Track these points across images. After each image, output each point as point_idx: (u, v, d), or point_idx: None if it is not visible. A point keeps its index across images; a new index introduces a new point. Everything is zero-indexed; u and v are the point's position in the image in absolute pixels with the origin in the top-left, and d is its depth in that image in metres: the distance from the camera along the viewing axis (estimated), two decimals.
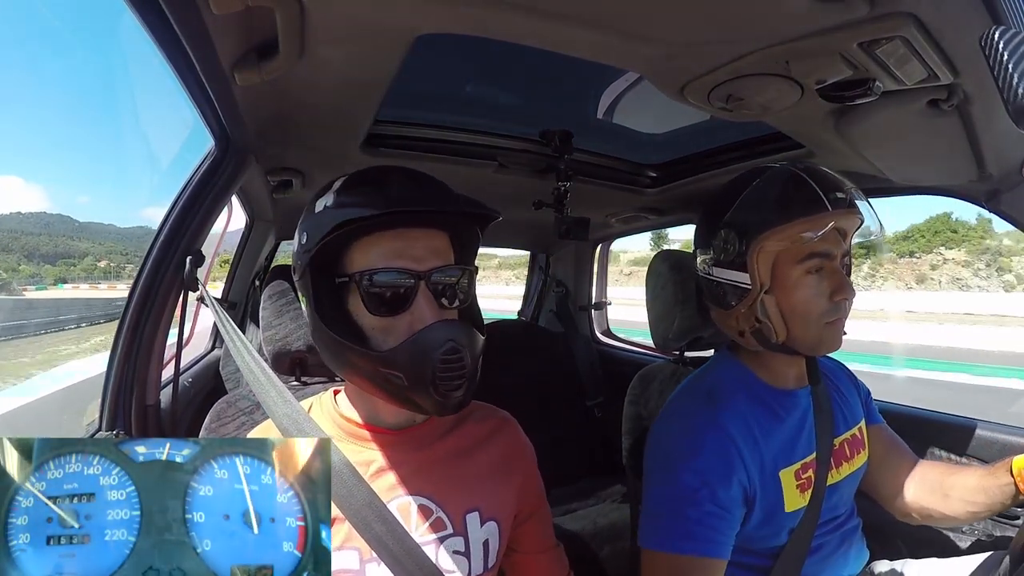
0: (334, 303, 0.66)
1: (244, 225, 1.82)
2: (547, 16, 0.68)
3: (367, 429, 0.72)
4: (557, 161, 1.38)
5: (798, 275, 0.86)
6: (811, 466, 0.92)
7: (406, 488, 0.69)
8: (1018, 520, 1.17)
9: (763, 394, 0.94)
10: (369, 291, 0.63)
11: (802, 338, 0.88)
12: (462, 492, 0.72)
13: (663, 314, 1.18)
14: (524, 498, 0.79)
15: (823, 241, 0.84)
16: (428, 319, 0.63)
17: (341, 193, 0.65)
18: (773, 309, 0.87)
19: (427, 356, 0.60)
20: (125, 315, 0.98)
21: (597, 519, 1.86)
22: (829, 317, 0.87)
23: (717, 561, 0.84)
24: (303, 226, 0.66)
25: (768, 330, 0.88)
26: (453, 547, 0.69)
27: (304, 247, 0.65)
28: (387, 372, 0.62)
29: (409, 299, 0.64)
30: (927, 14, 0.60)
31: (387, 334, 0.64)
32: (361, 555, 0.65)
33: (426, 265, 0.64)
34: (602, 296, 2.59)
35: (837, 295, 0.85)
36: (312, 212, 0.66)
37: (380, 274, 0.63)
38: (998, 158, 0.99)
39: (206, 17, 0.66)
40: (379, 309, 0.64)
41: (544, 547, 0.84)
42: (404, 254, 0.64)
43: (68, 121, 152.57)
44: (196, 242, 1.01)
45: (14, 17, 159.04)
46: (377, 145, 1.24)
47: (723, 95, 0.84)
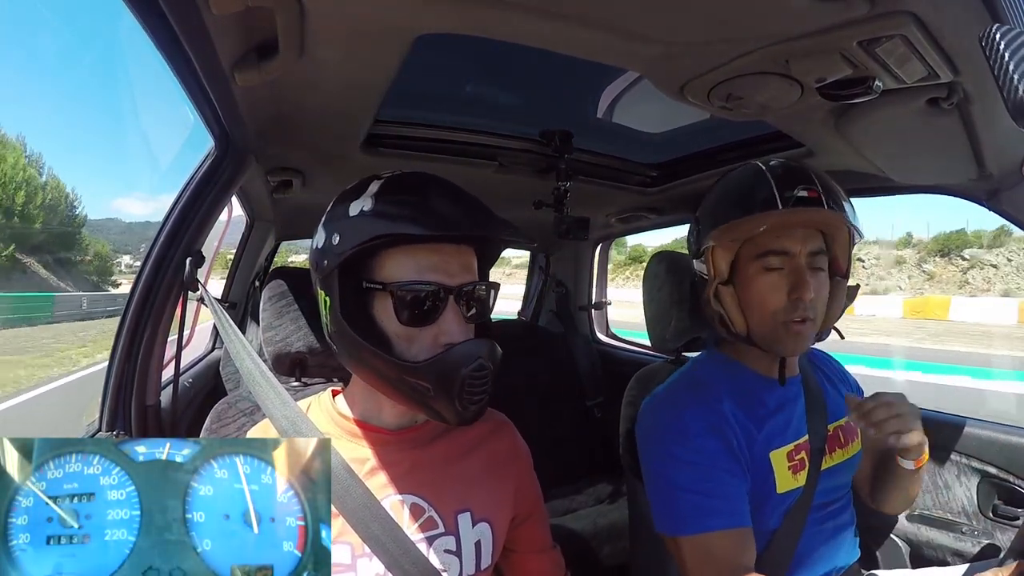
0: (359, 306, 0.66)
1: (244, 225, 1.82)
2: (547, 16, 0.68)
3: (364, 428, 0.73)
4: (557, 161, 1.38)
5: (754, 271, 0.88)
6: (804, 447, 0.93)
7: (399, 487, 0.70)
8: (1018, 520, 1.17)
9: (749, 381, 0.96)
10: (402, 302, 0.64)
11: (760, 334, 0.90)
12: (454, 492, 0.73)
13: (660, 315, 1.18)
14: (520, 500, 0.80)
15: (780, 239, 0.86)
16: (455, 333, 0.65)
17: (381, 200, 0.65)
18: (730, 300, 0.91)
19: (457, 371, 0.62)
20: (125, 315, 0.98)
21: (597, 519, 1.86)
22: (787, 316, 0.87)
23: (747, 530, 0.84)
24: (334, 227, 0.66)
25: (727, 321, 0.92)
26: (444, 546, 0.70)
27: (335, 249, 0.64)
28: (413, 381, 0.63)
29: (439, 311, 0.65)
30: (927, 13, 0.60)
31: (411, 342, 0.65)
32: (353, 550, 0.66)
33: (457, 280, 0.66)
34: (602, 296, 2.59)
35: (793, 293, 0.86)
36: (345, 215, 0.65)
37: (415, 286, 0.64)
38: (998, 156, 0.99)
39: (206, 17, 0.66)
40: (409, 319, 0.65)
41: (541, 547, 0.85)
42: (439, 268, 0.65)
43: (66, 121, 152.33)
44: (196, 242, 1.01)
45: (14, 17, 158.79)
46: (377, 145, 1.24)
47: (723, 94, 0.85)
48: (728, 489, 0.85)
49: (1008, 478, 1.20)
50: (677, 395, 0.96)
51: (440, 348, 0.64)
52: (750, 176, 0.89)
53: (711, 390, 0.93)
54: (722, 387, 0.93)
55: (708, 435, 0.87)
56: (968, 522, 1.23)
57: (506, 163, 1.39)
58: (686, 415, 0.89)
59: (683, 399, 0.94)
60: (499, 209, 0.68)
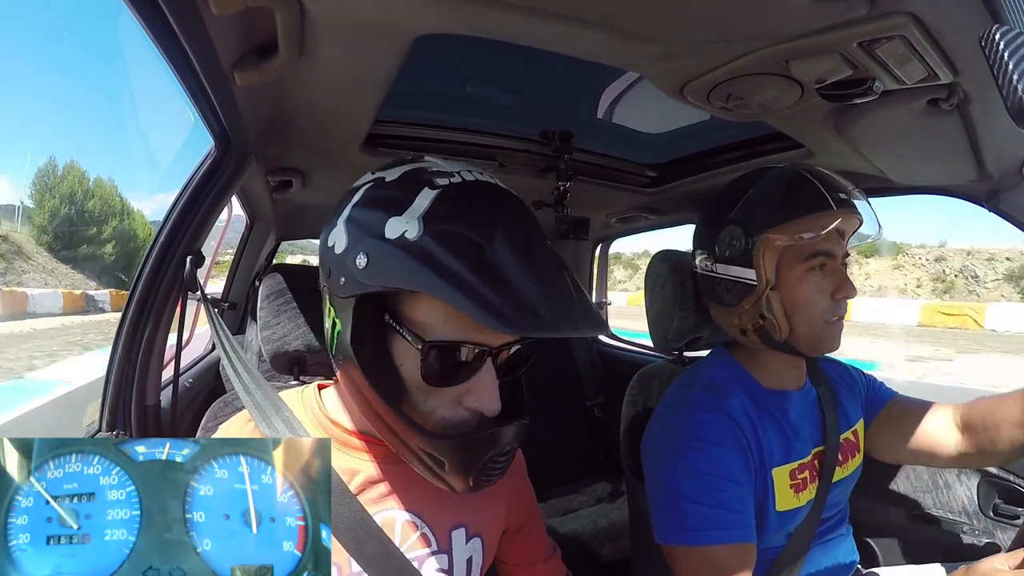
0: (376, 339, 0.56)
1: (244, 225, 1.82)
2: (547, 16, 0.68)
3: (358, 437, 0.65)
4: (557, 161, 1.38)
5: (802, 272, 0.87)
6: (809, 467, 0.92)
7: (393, 502, 0.65)
8: (1018, 520, 1.17)
9: (758, 394, 0.94)
10: (434, 359, 0.54)
11: (804, 336, 0.89)
12: (449, 508, 0.68)
13: (662, 314, 1.18)
14: (513, 514, 0.77)
15: (825, 240, 0.85)
16: (484, 399, 0.56)
17: (433, 232, 0.51)
18: (777, 306, 0.88)
19: (480, 456, 0.55)
20: (125, 315, 0.98)
21: (597, 519, 1.86)
22: (830, 316, 0.88)
23: (751, 546, 0.83)
24: (362, 243, 0.53)
25: (772, 326, 0.89)
26: (437, 565, 0.66)
27: (358, 273, 0.53)
28: (428, 451, 0.55)
29: (472, 373, 0.56)
30: (927, 13, 0.60)
31: (430, 395, 0.56)
32: (340, 571, 0.60)
33: (500, 340, 0.56)
34: (602, 296, 2.59)
35: (839, 293, 0.87)
36: (381, 234, 0.52)
37: (454, 347, 0.54)
38: (998, 158, 0.99)
39: (206, 17, 0.66)
40: (437, 381, 0.55)
41: (537, 558, 0.81)
42: (485, 328, 0.51)
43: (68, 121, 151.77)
44: (196, 243, 1.01)
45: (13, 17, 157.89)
46: (377, 145, 1.24)
47: (723, 95, 0.84)
48: (736, 503, 0.83)
49: (1008, 477, 1.20)
50: (690, 400, 0.93)
51: (462, 411, 0.56)
52: (794, 178, 0.89)
53: (726, 394, 0.91)
54: (736, 393, 0.92)
55: (724, 442, 0.85)
56: (969, 521, 1.24)
57: (506, 163, 1.39)
58: (701, 421, 0.87)
59: (697, 404, 0.91)
60: None
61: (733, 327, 0.95)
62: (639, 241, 47.50)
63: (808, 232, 0.84)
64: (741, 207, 0.91)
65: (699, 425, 0.87)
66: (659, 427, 0.94)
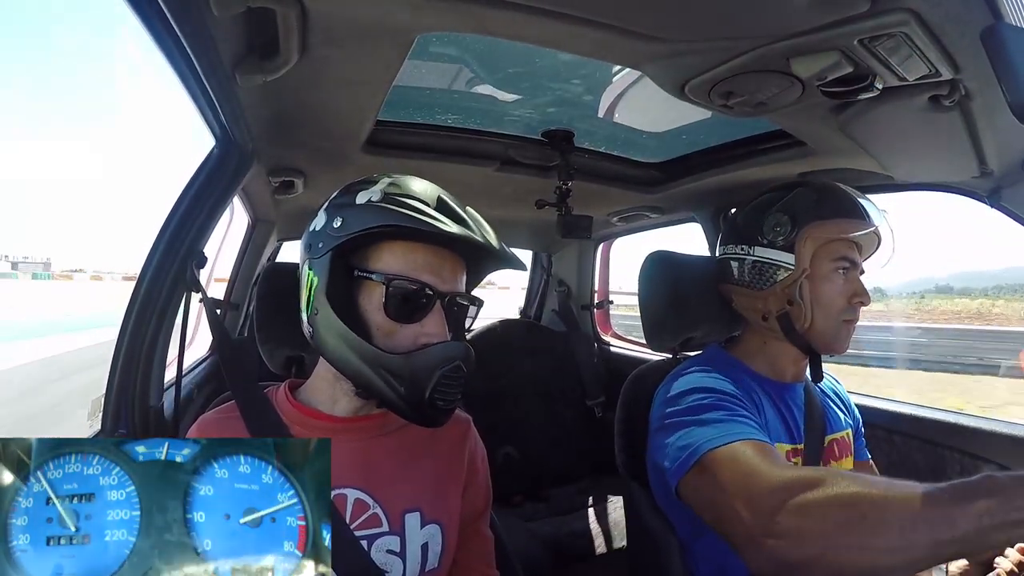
0: (345, 292, 0.67)
1: (246, 226, 1.82)
2: (547, 15, 0.68)
3: (312, 415, 0.72)
4: (559, 160, 1.38)
5: (829, 271, 0.93)
6: (802, 455, 0.93)
7: (344, 480, 0.68)
8: None
9: (756, 378, 0.97)
10: (393, 294, 0.65)
11: (822, 329, 0.93)
12: (405, 490, 0.71)
13: (656, 314, 1.17)
14: (467, 502, 0.78)
15: (852, 248, 0.94)
16: (435, 336, 0.66)
17: (390, 194, 0.66)
18: (808, 294, 0.93)
19: (433, 370, 0.64)
20: (127, 317, 0.98)
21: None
22: (847, 316, 0.94)
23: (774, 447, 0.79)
24: (337, 211, 0.67)
25: (798, 313, 0.93)
26: (387, 546, 0.68)
27: (334, 232, 0.65)
28: (388, 373, 0.64)
29: (425, 311, 0.67)
30: (928, 10, 0.60)
31: (391, 336, 0.66)
32: None
33: (448, 287, 0.68)
34: (604, 295, 2.58)
35: (856, 298, 0.94)
36: (352, 202, 0.67)
37: (409, 283, 0.66)
38: (1000, 154, 0.99)
39: (207, 18, 0.66)
40: (396, 314, 0.66)
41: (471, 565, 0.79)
42: (434, 270, 0.67)
43: (68, 121, 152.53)
44: (198, 243, 1.01)
45: (13, 17, 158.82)
46: (379, 145, 1.24)
47: (724, 92, 0.84)
48: (751, 419, 0.82)
49: None
50: (689, 372, 0.93)
51: (418, 347, 0.65)
52: (838, 188, 0.96)
53: (725, 370, 0.94)
54: (735, 372, 0.95)
55: (736, 392, 0.87)
56: None
57: (508, 163, 1.39)
58: (716, 376, 0.91)
59: (710, 367, 0.94)
60: (501, 208, 0.68)
61: (756, 312, 0.98)
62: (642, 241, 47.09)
63: (849, 232, 0.92)
64: (789, 200, 0.96)
65: (714, 376, 0.90)
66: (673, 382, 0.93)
